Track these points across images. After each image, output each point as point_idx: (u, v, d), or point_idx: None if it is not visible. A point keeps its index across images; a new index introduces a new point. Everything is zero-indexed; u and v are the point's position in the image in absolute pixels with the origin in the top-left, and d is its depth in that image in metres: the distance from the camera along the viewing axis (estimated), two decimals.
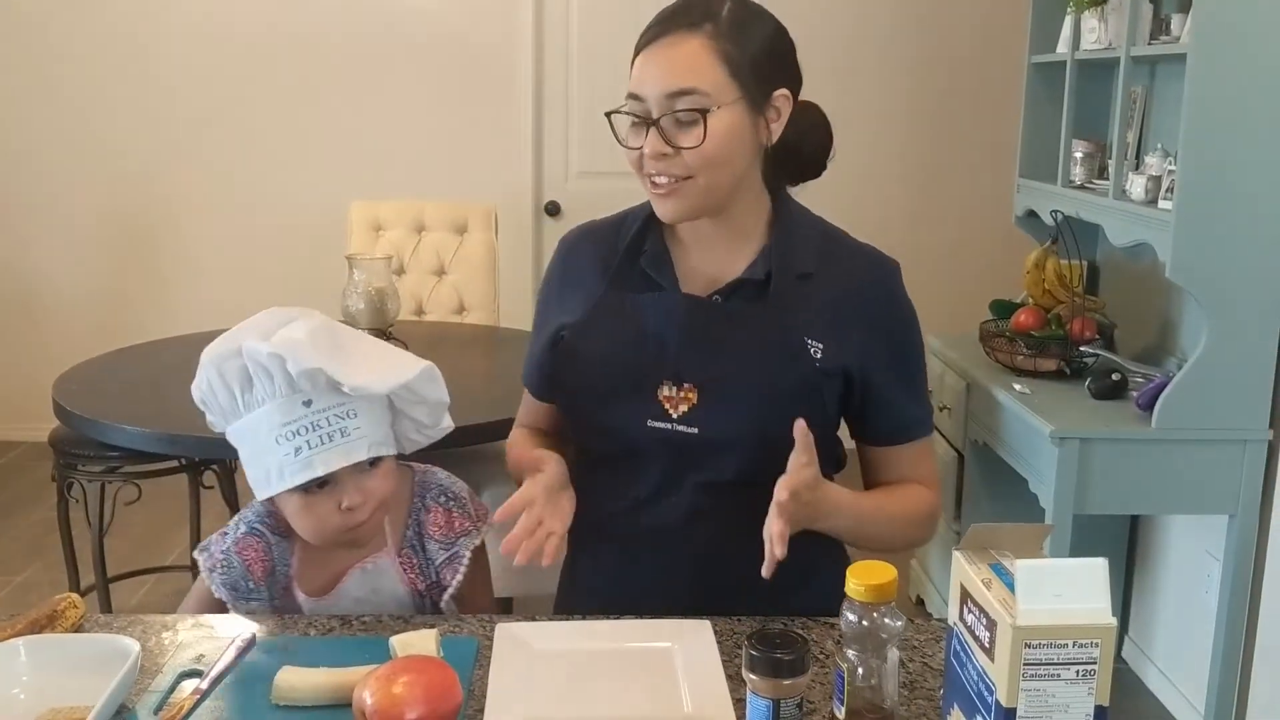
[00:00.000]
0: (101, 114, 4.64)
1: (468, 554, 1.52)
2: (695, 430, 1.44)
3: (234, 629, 1.36)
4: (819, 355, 1.44)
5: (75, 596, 1.38)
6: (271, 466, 1.39)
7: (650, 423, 1.46)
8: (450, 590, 1.51)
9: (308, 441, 1.37)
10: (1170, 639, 2.97)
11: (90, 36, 4.62)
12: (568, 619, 1.41)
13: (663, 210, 1.45)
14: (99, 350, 3.01)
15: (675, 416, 1.45)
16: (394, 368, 1.45)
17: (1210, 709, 2.65)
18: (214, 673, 1.25)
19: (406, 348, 1.76)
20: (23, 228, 4.82)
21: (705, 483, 1.46)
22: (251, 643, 1.33)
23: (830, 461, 1.56)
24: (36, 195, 4.77)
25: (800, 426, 1.30)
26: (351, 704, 1.12)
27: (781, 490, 1.28)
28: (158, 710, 1.19)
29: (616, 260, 1.53)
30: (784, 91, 1.44)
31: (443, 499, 1.55)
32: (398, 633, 1.30)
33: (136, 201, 4.77)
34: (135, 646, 1.20)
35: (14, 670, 1.21)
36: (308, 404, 1.37)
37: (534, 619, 1.39)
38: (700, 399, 1.44)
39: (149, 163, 4.74)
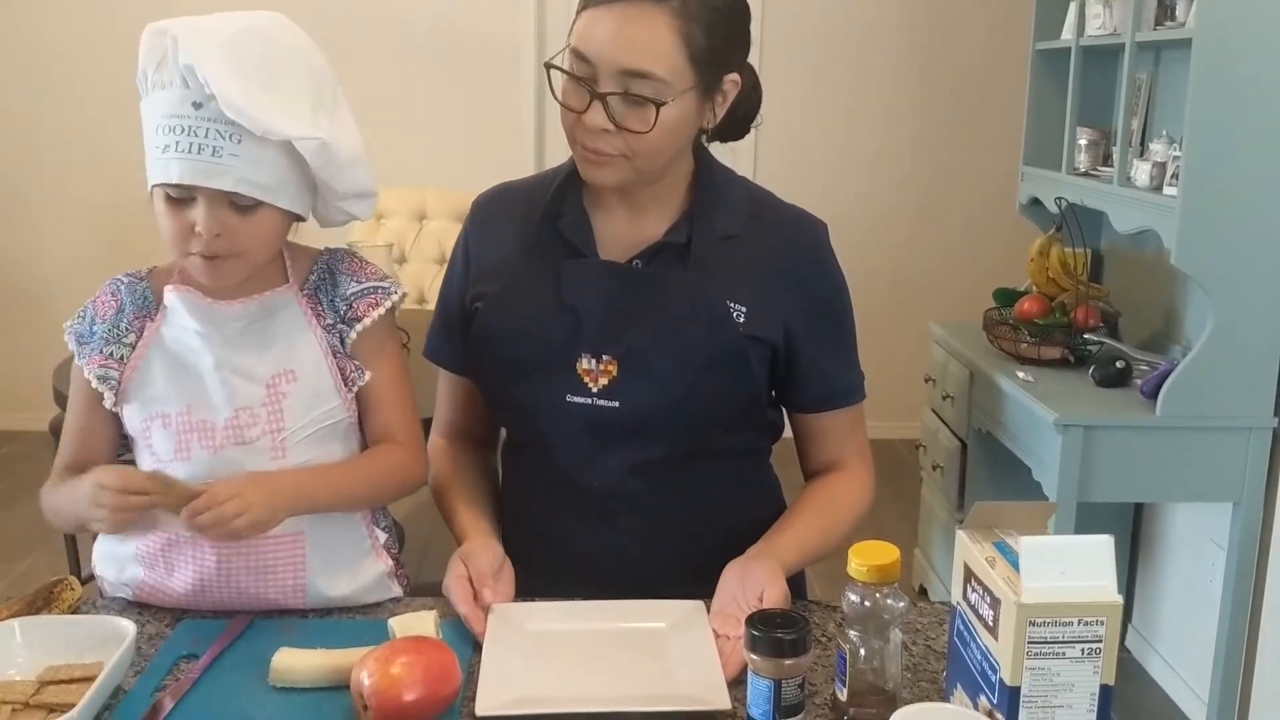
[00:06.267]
0: (106, 106, 4.61)
1: (392, 298, 1.41)
2: (616, 404, 1.39)
3: (232, 612, 1.35)
4: (741, 319, 1.39)
5: (72, 579, 1.37)
6: (148, 156, 1.30)
7: (569, 397, 1.40)
8: (366, 322, 1.38)
9: (177, 143, 1.25)
10: (1174, 627, 2.96)
11: (93, 34, 4.60)
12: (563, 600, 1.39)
13: (589, 176, 1.40)
14: None
15: (595, 390, 1.40)
16: (295, 116, 1.28)
17: (1214, 697, 2.64)
18: (211, 655, 1.24)
19: (409, 338, 1.74)
20: (23, 216, 4.81)
21: (632, 464, 1.42)
22: (249, 625, 1.32)
23: (765, 431, 1.52)
24: (37, 184, 4.77)
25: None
26: (349, 685, 1.12)
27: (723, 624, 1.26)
28: (155, 692, 1.18)
29: (534, 225, 1.46)
30: (734, 76, 1.39)
31: (355, 259, 1.44)
32: (396, 614, 1.29)
33: (138, 190, 4.74)
34: (131, 627, 1.20)
35: (9, 651, 1.21)
36: (196, 106, 1.24)
37: (530, 599, 1.38)
38: (620, 371, 1.39)
39: None
